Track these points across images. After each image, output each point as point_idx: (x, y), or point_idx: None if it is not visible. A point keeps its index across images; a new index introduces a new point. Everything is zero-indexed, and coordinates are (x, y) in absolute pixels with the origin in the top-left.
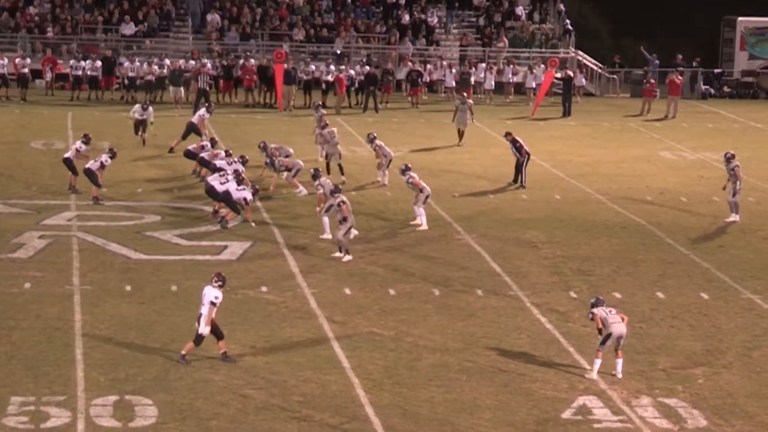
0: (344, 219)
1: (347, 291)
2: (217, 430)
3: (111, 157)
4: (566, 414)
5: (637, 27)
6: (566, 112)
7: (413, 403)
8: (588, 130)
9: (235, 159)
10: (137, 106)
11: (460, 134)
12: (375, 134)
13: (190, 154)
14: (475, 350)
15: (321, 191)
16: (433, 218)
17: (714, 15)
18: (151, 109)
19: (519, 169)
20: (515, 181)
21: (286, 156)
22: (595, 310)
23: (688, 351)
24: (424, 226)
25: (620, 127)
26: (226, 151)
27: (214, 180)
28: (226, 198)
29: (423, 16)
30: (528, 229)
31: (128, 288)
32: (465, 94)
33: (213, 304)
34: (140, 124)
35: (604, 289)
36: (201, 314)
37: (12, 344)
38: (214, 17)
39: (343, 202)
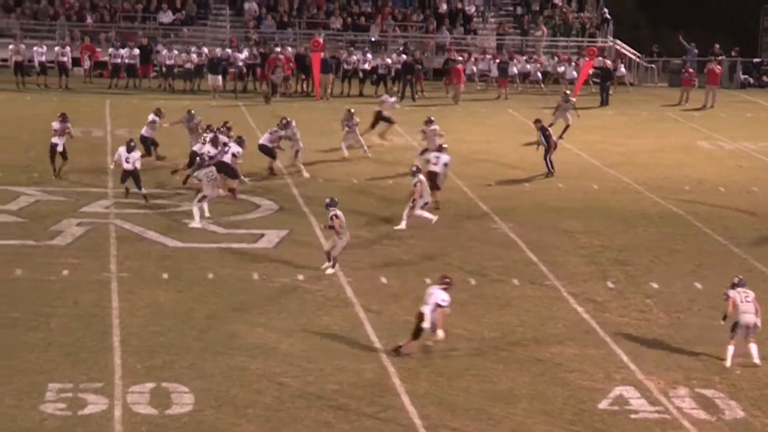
0: (336, 233)
1: (383, 280)
2: (253, 418)
3: (240, 144)
4: (603, 404)
5: (675, 16)
6: (604, 102)
7: (449, 393)
8: (625, 119)
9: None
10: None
11: (565, 129)
12: (433, 118)
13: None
14: (511, 339)
15: (419, 186)
16: (470, 207)
17: (754, 3)
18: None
19: (545, 157)
20: (550, 169)
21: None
22: (731, 292)
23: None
24: (402, 226)
25: (658, 116)
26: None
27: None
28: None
29: (460, 5)
30: (565, 218)
31: (165, 275)
32: (567, 92)
33: (439, 306)
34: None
35: (641, 279)
36: (422, 312)
37: (50, 331)
38: (251, 5)
39: (336, 217)
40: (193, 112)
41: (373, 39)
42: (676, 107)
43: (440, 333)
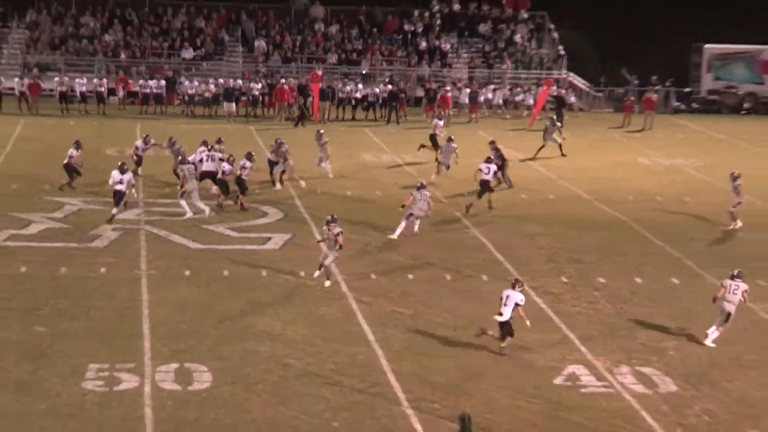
0: (340, 247)
1: (373, 276)
2: (262, 393)
3: (249, 160)
4: (558, 380)
5: (619, 52)
6: (559, 124)
7: (429, 372)
8: (577, 140)
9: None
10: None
11: (540, 148)
12: (453, 137)
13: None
14: (481, 327)
15: (411, 198)
16: (446, 215)
17: (685, 43)
18: (130, 175)
19: (500, 172)
20: (499, 182)
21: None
22: (726, 281)
23: (661, 328)
24: (395, 236)
25: (604, 137)
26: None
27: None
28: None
29: (437, 43)
30: (527, 224)
31: (187, 273)
32: (553, 117)
33: (518, 305)
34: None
35: (591, 275)
36: (501, 314)
37: (90, 320)
38: (260, 43)
39: (341, 233)
40: (173, 139)
41: (363, 72)
42: (619, 129)
43: (528, 323)
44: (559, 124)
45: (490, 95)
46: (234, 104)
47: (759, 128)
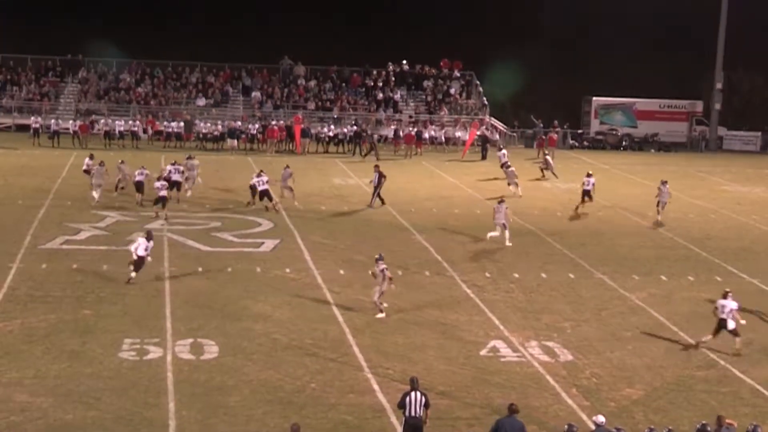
0: (390, 280)
1: (341, 272)
2: (257, 361)
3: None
4: (483, 352)
5: (527, 102)
6: (483, 157)
7: (384, 345)
8: (497, 168)
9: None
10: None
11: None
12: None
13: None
14: (423, 311)
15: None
16: (397, 225)
17: (578, 93)
18: (146, 171)
19: (376, 191)
20: (376, 200)
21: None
22: (718, 302)
23: (560, 311)
24: (495, 234)
25: (517, 166)
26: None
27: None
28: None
29: (391, 94)
30: (458, 232)
31: (200, 269)
32: (546, 151)
33: (732, 310)
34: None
35: (507, 271)
36: (723, 319)
37: (125, 305)
38: (256, 94)
39: (387, 269)
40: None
41: (335, 116)
42: (529, 160)
43: (743, 322)
44: (549, 158)
45: (432, 133)
46: (236, 141)
47: (633, 160)
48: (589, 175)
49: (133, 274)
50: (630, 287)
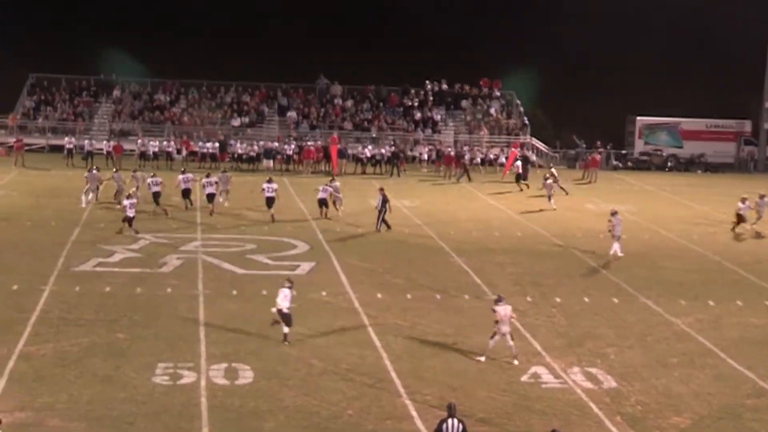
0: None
1: (379, 295)
2: (292, 386)
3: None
4: (524, 378)
5: (571, 122)
6: (524, 178)
7: (422, 370)
8: (537, 190)
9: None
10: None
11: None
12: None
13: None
14: (464, 336)
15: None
16: (436, 247)
17: (621, 113)
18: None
19: (381, 215)
20: (382, 225)
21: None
22: None
23: (604, 336)
24: (620, 254)
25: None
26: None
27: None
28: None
29: (430, 114)
30: (498, 254)
31: (234, 292)
32: (554, 172)
33: None
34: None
35: (549, 295)
36: None
37: (158, 328)
38: (292, 114)
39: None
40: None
41: (372, 136)
42: (571, 182)
43: None
44: (558, 181)
45: (470, 155)
46: (272, 161)
47: (679, 181)
48: (743, 200)
49: (286, 330)
50: (676, 312)
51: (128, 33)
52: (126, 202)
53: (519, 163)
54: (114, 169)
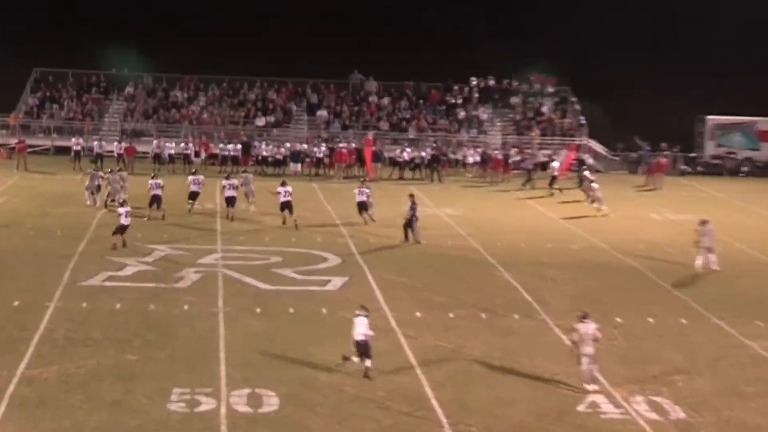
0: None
1: (418, 314)
2: (322, 415)
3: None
4: (581, 407)
5: (632, 122)
6: (580, 184)
7: (467, 398)
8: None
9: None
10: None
11: (592, 200)
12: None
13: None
14: (512, 359)
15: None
16: (481, 261)
17: (690, 113)
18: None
19: (410, 225)
20: (406, 238)
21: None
22: None
23: (670, 361)
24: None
25: (620, 195)
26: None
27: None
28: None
29: (475, 113)
30: (550, 268)
31: (258, 310)
32: (589, 175)
33: None
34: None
35: (608, 314)
36: None
37: (174, 349)
38: (323, 113)
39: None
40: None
41: (411, 137)
42: (633, 188)
43: None
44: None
45: (518, 158)
46: (300, 165)
47: (755, 187)
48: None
49: (369, 363)
50: (752, 334)
51: (142, 24)
52: (121, 210)
53: (555, 164)
54: (108, 170)
